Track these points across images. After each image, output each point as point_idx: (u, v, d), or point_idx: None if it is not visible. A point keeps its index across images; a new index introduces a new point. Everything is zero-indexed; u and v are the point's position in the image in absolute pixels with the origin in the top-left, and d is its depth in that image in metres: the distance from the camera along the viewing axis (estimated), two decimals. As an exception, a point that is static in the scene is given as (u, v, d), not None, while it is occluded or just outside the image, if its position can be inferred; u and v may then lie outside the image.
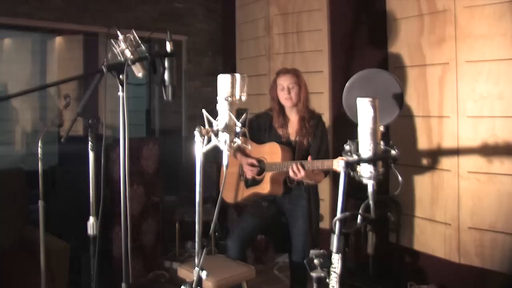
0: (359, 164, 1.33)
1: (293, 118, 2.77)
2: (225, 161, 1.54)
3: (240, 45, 4.62)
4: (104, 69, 1.77)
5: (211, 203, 4.04)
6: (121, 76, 1.80)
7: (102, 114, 3.33)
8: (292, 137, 2.73)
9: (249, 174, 2.72)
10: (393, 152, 1.33)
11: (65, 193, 3.43)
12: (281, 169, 2.56)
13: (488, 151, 2.74)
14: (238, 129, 1.50)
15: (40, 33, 4.50)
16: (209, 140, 1.53)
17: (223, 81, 1.52)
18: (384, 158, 1.33)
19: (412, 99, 3.16)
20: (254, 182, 2.73)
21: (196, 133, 1.51)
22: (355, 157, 1.32)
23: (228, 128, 1.50)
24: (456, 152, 2.90)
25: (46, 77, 4.77)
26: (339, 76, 3.67)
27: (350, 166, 1.34)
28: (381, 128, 1.36)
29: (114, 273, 2.99)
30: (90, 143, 1.90)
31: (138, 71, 1.88)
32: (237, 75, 1.53)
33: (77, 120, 1.95)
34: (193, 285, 1.53)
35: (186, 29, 4.79)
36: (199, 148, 1.53)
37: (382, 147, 1.33)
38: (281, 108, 2.76)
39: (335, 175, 3.21)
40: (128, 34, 1.85)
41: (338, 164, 1.54)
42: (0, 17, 3.65)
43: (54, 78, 4.64)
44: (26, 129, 4.72)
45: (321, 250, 1.38)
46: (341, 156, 1.37)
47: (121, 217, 1.84)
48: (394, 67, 3.26)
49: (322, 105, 3.66)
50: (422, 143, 3.14)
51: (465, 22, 2.81)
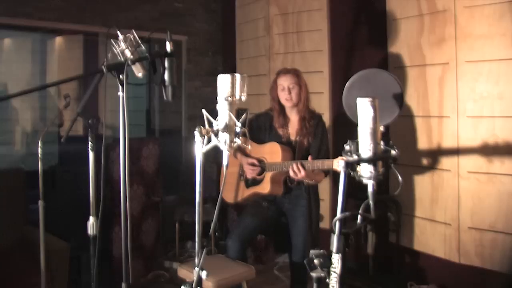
0: (359, 164, 1.33)
1: (294, 118, 2.77)
2: (225, 161, 1.54)
3: (240, 45, 4.62)
4: (104, 69, 1.77)
5: (211, 203, 4.04)
6: (121, 76, 1.80)
7: (102, 114, 3.34)
8: (293, 137, 2.73)
9: (249, 174, 2.72)
10: (393, 152, 1.33)
11: (65, 193, 3.43)
12: (282, 169, 2.56)
13: (488, 151, 2.74)
14: (238, 129, 1.50)
15: (40, 33, 4.50)
16: (209, 140, 1.53)
17: (223, 81, 1.52)
18: (384, 158, 1.33)
19: (412, 99, 3.17)
20: (254, 182, 2.73)
21: (196, 133, 1.51)
22: (355, 157, 1.32)
23: (228, 128, 1.50)
24: (456, 152, 2.90)
25: (46, 77, 4.77)
26: (339, 76, 3.67)
27: (350, 166, 1.34)
28: (381, 128, 1.36)
29: (114, 273, 3.00)
30: (90, 143, 1.90)
31: (138, 71, 1.88)
32: (237, 75, 1.53)
33: (77, 120, 1.95)
34: (193, 285, 1.53)
35: (186, 29, 4.79)
36: (199, 148, 1.52)
37: (382, 147, 1.33)
38: (282, 108, 2.76)
39: (335, 175, 3.21)
40: (128, 34, 1.85)
41: (338, 164, 1.54)
42: (0, 17, 3.65)
43: (54, 78, 4.64)
44: (26, 129, 4.71)
45: (321, 250, 1.38)
46: (341, 156, 1.37)
47: (121, 217, 1.84)
48: (394, 67, 3.26)
49: (322, 105, 3.66)
50: (422, 143, 3.14)
51: (465, 22, 2.81)
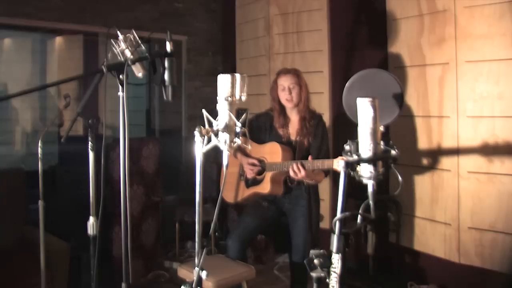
0: (359, 164, 1.33)
1: (294, 118, 2.77)
2: (225, 161, 1.54)
3: (240, 45, 4.62)
4: (104, 69, 1.78)
5: (211, 203, 4.04)
6: (121, 76, 1.80)
7: (102, 114, 3.33)
8: (293, 137, 2.73)
9: (250, 174, 2.72)
10: (393, 152, 1.33)
11: (65, 193, 3.43)
12: (282, 169, 2.56)
13: (488, 151, 2.74)
14: (238, 129, 1.50)
15: (40, 33, 4.50)
16: (209, 140, 1.52)
17: (223, 81, 1.52)
18: (384, 158, 1.33)
19: (412, 99, 3.17)
20: (255, 182, 2.73)
21: (196, 133, 1.51)
22: (355, 157, 1.32)
23: (228, 128, 1.50)
24: (456, 152, 2.90)
25: (46, 77, 4.77)
26: (339, 76, 3.67)
27: (350, 166, 1.34)
28: (381, 128, 1.36)
29: (114, 273, 2.99)
30: (90, 143, 1.90)
31: (138, 71, 1.88)
32: (237, 75, 1.53)
33: (77, 120, 1.95)
34: (193, 285, 1.53)
35: (186, 29, 4.79)
36: (199, 148, 1.52)
37: (382, 147, 1.33)
38: (282, 108, 2.76)
39: (335, 175, 3.21)
40: (128, 34, 1.85)
41: (338, 164, 1.54)
42: (0, 17, 3.65)
43: (54, 78, 4.64)
44: (26, 129, 4.72)
45: (321, 250, 1.38)
46: (341, 156, 1.37)
47: (121, 217, 1.84)
48: (394, 67, 3.26)
49: (322, 105, 3.66)
50: (422, 143, 3.14)
51: (465, 22, 2.81)
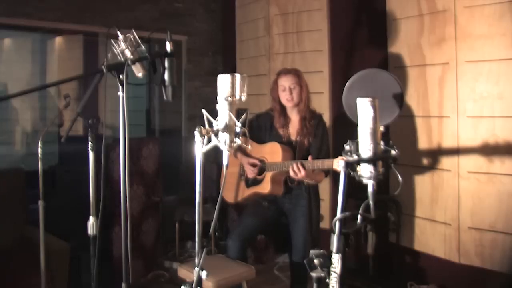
0: (359, 164, 1.33)
1: (294, 118, 2.77)
2: (225, 161, 1.54)
3: (240, 45, 4.62)
4: (104, 69, 1.78)
5: (211, 203, 4.04)
6: (121, 76, 1.80)
7: (102, 114, 3.33)
8: (293, 137, 2.73)
9: (250, 173, 2.72)
10: (393, 152, 1.33)
11: (65, 193, 3.43)
12: (282, 169, 2.56)
13: (488, 151, 2.74)
14: (238, 129, 1.50)
15: (40, 33, 4.50)
16: (209, 140, 1.52)
17: (223, 81, 1.52)
18: (384, 158, 1.33)
19: (412, 99, 3.16)
20: (255, 181, 2.73)
21: (196, 133, 1.51)
22: (355, 157, 1.32)
23: (228, 128, 1.50)
24: (456, 152, 2.90)
25: (46, 77, 4.77)
26: (339, 76, 3.66)
27: (350, 166, 1.34)
28: (381, 128, 1.36)
29: (114, 273, 2.99)
30: (90, 143, 1.90)
31: (138, 71, 1.88)
32: (237, 75, 1.53)
33: (77, 120, 1.95)
34: (193, 285, 1.53)
35: (186, 29, 4.79)
36: (199, 148, 1.52)
37: (382, 147, 1.33)
38: (282, 108, 2.76)
39: (335, 175, 3.21)
40: (128, 34, 1.85)
41: (338, 164, 1.54)
42: (0, 17, 3.65)
43: (54, 78, 4.64)
44: (26, 129, 4.72)
45: (321, 250, 1.38)
46: (341, 156, 1.37)
47: (121, 217, 1.84)
48: (394, 67, 3.26)
49: (322, 105, 3.66)
50: (422, 143, 3.14)
51: (465, 22, 2.81)
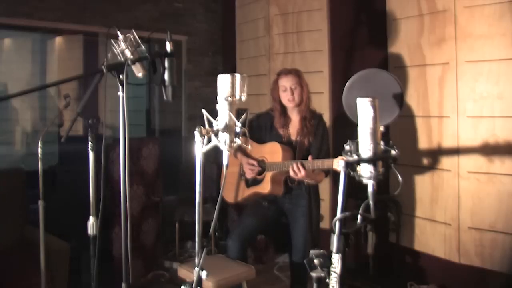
0: (359, 164, 1.33)
1: (295, 118, 2.76)
2: (225, 161, 1.54)
3: (240, 45, 4.62)
4: (104, 69, 1.78)
5: (211, 203, 4.04)
6: (121, 76, 1.80)
7: (102, 114, 3.33)
8: (293, 137, 2.73)
9: (250, 173, 2.72)
10: (393, 152, 1.33)
11: (65, 193, 3.43)
12: (282, 169, 2.56)
13: (488, 151, 2.74)
14: (238, 129, 1.50)
15: (40, 33, 4.51)
16: (209, 140, 1.52)
17: (223, 81, 1.52)
18: (384, 158, 1.33)
19: (412, 99, 3.17)
20: (255, 181, 2.73)
21: (196, 133, 1.51)
22: (355, 157, 1.32)
23: (228, 128, 1.50)
24: (456, 152, 2.90)
25: (46, 77, 4.77)
26: (339, 76, 3.66)
27: (350, 166, 1.34)
28: (381, 128, 1.36)
29: (114, 273, 2.99)
30: (90, 143, 1.90)
31: (138, 71, 1.88)
32: (237, 75, 1.53)
33: (77, 120, 1.95)
34: (193, 285, 1.53)
35: (186, 29, 4.79)
36: (199, 148, 1.52)
37: (382, 147, 1.33)
38: (283, 108, 2.76)
39: (335, 175, 3.21)
40: (128, 34, 1.85)
41: (338, 164, 1.54)
42: (0, 17, 3.65)
43: (54, 78, 4.65)
44: (26, 129, 4.72)
45: (321, 250, 1.38)
46: (341, 156, 1.37)
47: (121, 217, 1.84)
48: (394, 67, 3.26)
49: (322, 105, 3.66)
50: (422, 143, 3.14)
51: (465, 22, 2.81)
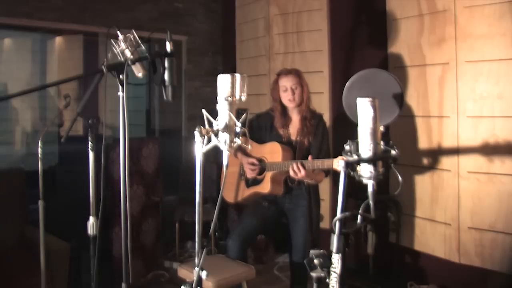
0: (359, 164, 1.33)
1: (295, 118, 2.76)
2: (225, 161, 1.54)
3: (240, 45, 4.62)
4: (104, 69, 1.78)
5: (211, 203, 4.04)
6: (121, 76, 1.80)
7: (102, 114, 3.33)
8: (293, 137, 2.73)
9: (250, 173, 2.72)
10: (393, 152, 1.33)
11: (65, 193, 3.43)
12: (282, 169, 2.56)
13: (488, 151, 2.74)
14: (238, 129, 1.50)
15: (40, 33, 4.51)
16: (209, 140, 1.52)
17: (223, 81, 1.52)
18: (384, 158, 1.33)
19: (412, 99, 3.17)
20: (255, 181, 2.73)
21: (196, 133, 1.51)
22: (355, 157, 1.32)
23: (228, 128, 1.50)
24: (456, 152, 2.90)
25: (46, 77, 4.77)
26: (339, 76, 3.66)
27: (350, 166, 1.34)
28: (381, 128, 1.36)
29: (114, 273, 2.99)
30: (90, 143, 1.90)
31: (138, 71, 1.88)
32: (237, 75, 1.53)
33: (77, 120, 1.95)
34: (193, 285, 1.53)
35: (186, 29, 4.79)
36: (199, 148, 1.53)
37: (382, 147, 1.33)
38: (283, 108, 2.76)
39: (335, 175, 3.21)
40: (128, 34, 1.85)
41: (338, 164, 1.54)
42: (0, 17, 3.65)
43: (54, 78, 4.64)
44: (26, 129, 4.72)
45: (321, 250, 1.38)
46: (341, 156, 1.37)
47: (121, 217, 1.84)
48: (394, 67, 3.26)
49: (322, 105, 3.66)
50: (422, 143, 3.14)
51: (465, 22, 2.81)
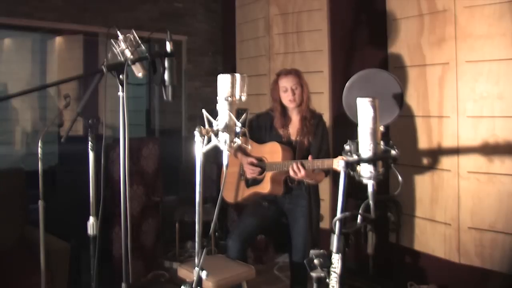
0: (359, 164, 1.33)
1: (295, 118, 2.76)
2: (225, 161, 1.54)
3: (240, 45, 4.62)
4: (104, 69, 1.78)
5: (211, 203, 4.04)
6: (121, 76, 1.80)
7: (102, 114, 3.33)
8: (293, 137, 2.73)
9: (250, 173, 2.72)
10: (393, 152, 1.33)
11: (65, 193, 3.43)
12: (282, 169, 2.56)
13: (488, 151, 2.74)
14: (238, 129, 1.50)
15: (40, 33, 4.51)
16: (209, 140, 1.52)
17: (223, 81, 1.52)
18: (384, 158, 1.33)
19: (412, 99, 3.16)
20: (255, 181, 2.73)
21: (196, 133, 1.51)
22: (355, 157, 1.32)
23: (228, 128, 1.50)
24: (456, 152, 2.90)
25: (46, 77, 4.78)
26: (339, 76, 3.66)
27: (350, 166, 1.34)
28: (381, 128, 1.36)
29: (114, 273, 2.99)
30: (90, 143, 1.90)
31: (138, 71, 1.88)
32: (237, 75, 1.53)
33: (77, 120, 1.95)
34: (193, 285, 1.53)
35: (186, 29, 4.79)
36: (199, 148, 1.53)
37: (382, 147, 1.33)
38: (283, 108, 2.76)
39: (335, 175, 3.21)
40: (128, 34, 1.85)
41: (338, 164, 1.54)
42: (0, 17, 3.65)
43: (54, 78, 4.65)
44: (26, 129, 4.72)
45: (321, 250, 1.38)
46: (341, 155, 1.37)
47: (121, 217, 1.84)
48: (394, 67, 3.26)
49: (322, 105, 3.66)
50: (422, 143, 3.14)
51: (465, 22, 2.81)
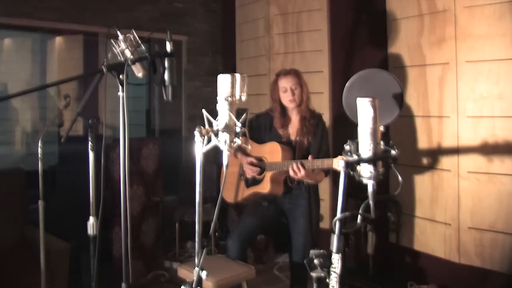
0: (359, 164, 1.33)
1: (294, 118, 2.77)
2: (225, 161, 1.54)
3: (240, 45, 4.62)
4: (104, 69, 1.78)
5: (211, 203, 4.04)
6: (121, 76, 1.80)
7: (102, 114, 3.33)
8: (293, 137, 2.73)
9: (250, 173, 2.72)
10: (393, 152, 1.33)
11: (65, 193, 3.43)
12: (282, 169, 2.56)
13: (488, 151, 2.74)
14: (238, 129, 1.50)
15: (40, 33, 4.51)
16: (209, 140, 1.53)
17: (223, 81, 1.52)
18: (384, 158, 1.33)
19: (412, 99, 3.17)
20: (255, 181, 2.73)
21: (196, 133, 1.51)
22: (355, 157, 1.32)
23: (228, 128, 1.50)
24: (456, 152, 2.90)
25: (46, 77, 4.78)
26: (339, 76, 3.67)
27: (350, 166, 1.34)
28: (381, 128, 1.36)
29: (114, 273, 2.99)
30: (90, 143, 1.90)
31: (138, 71, 1.88)
32: (237, 75, 1.53)
33: (77, 120, 1.95)
34: (193, 285, 1.53)
35: (186, 29, 4.79)
36: (199, 148, 1.53)
37: (382, 147, 1.33)
38: (283, 109, 2.76)
39: (335, 175, 3.21)
40: (128, 34, 1.85)
41: (338, 163, 1.54)
42: (0, 17, 3.65)
43: (54, 78, 4.65)
44: (26, 129, 4.72)
45: (321, 250, 1.38)
46: (341, 155, 1.37)
47: (121, 217, 1.84)
48: (394, 67, 3.26)
49: (322, 105, 3.66)
50: (422, 143, 3.14)
51: (465, 22, 2.81)
